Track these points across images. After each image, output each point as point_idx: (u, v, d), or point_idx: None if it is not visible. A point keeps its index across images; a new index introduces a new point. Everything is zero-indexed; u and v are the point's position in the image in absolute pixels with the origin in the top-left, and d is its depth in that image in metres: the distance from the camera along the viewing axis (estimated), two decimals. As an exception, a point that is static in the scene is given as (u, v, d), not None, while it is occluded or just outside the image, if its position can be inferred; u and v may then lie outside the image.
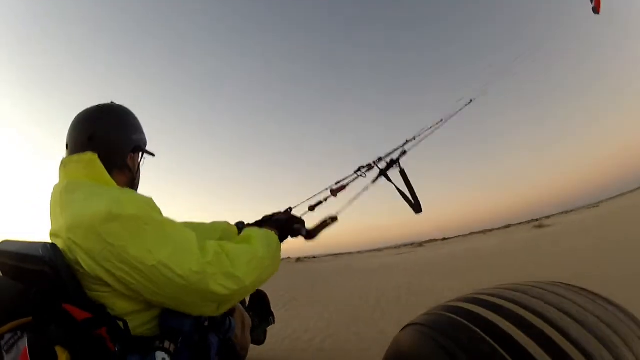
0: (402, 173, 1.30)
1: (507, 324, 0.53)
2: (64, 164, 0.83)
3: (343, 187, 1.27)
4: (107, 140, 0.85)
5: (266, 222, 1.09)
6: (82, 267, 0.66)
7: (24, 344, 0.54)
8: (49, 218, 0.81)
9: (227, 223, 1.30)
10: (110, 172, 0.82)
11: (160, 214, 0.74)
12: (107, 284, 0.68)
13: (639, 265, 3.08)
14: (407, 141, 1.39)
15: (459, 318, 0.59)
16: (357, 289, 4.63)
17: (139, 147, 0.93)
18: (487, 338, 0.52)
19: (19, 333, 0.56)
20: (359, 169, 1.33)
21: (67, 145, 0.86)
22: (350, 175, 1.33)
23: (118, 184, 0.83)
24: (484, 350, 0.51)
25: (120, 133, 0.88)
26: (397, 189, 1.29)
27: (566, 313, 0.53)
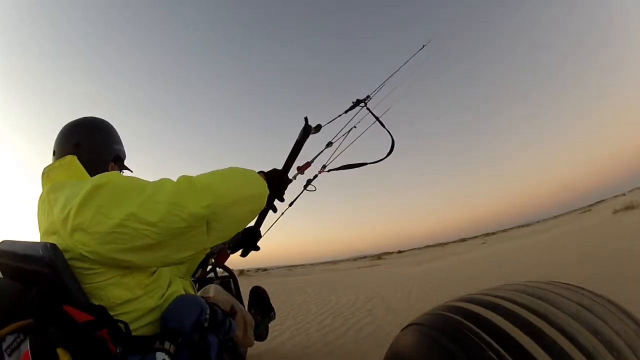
0: (371, 112, 1.38)
1: (507, 323, 0.53)
2: (45, 173, 0.88)
3: (308, 164, 1.30)
4: (92, 147, 0.94)
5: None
6: (79, 253, 0.68)
7: (26, 346, 0.54)
8: (38, 227, 0.83)
9: None
10: None
11: None
12: (103, 263, 0.70)
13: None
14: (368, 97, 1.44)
15: (459, 318, 0.59)
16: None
17: (119, 157, 1.02)
18: (488, 338, 0.52)
19: (21, 335, 0.56)
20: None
21: (54, 152, 0.94)
22: (313, 159, 1.37)
23: None
24: (484, 350, 0.51)
25: (104, 142, 0.98)
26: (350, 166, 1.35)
27: (566, 312, 0.54)
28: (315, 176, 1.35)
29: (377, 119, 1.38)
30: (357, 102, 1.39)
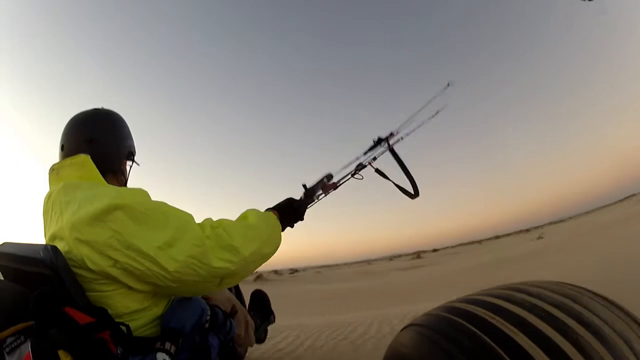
0: (392, 151, 1.29)
1: (506, 324, 0.53)
2: (55, 170, 0.82)
3: (335, 185, 1.25)
4: (106, 144, 0.88)
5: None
6: (86, 265, 0.67)
7: (27, 348, 0.55)
8: (43, 226, 0.82)
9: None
10: (104, 175, 0.82)
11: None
12: (112, 280, 0.69)
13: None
14: (391, 134, 1.39)
15: (458, 318, 0.59)
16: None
17: (131, 153, 0.96)
18: (486, 338, 0.52)
19: (21, 337, 0.56)
20: (355, 171, 1.31)
21: (62, 147, 0.86)
22: (341, 173, 1.31)
23: None
24: (483, 350, 0.51)
25: (117, 138, 0.91)
26: (389, 178, 1.29)
27: (566, 312, 0.53)
28: (364, 166, 1.27)
29: (398, 160, 1.30)
30: (379, 141, 1.31)
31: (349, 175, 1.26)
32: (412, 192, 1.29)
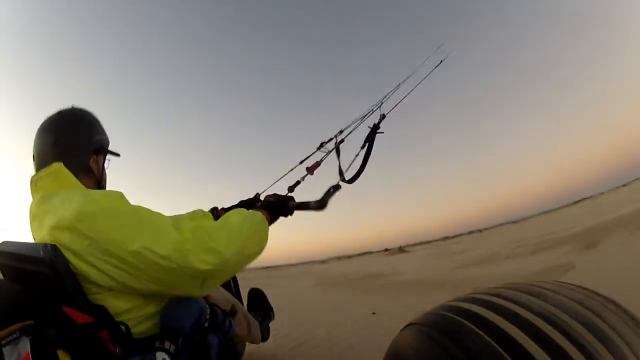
0: (371, 136, 1.31)
1: (507, 323, 0.53)
2: (34, 182, 0.83)
3: (318, 164, 1.26)
4: (69, 144, 0.86)
5: (252, 205, 1.04)
6: (74, 267, 0.67)
7: (25, 347, 0.55)
8: (31, 236, 0.82)
9: (201, 210, 1.32)
10: (76, 176, 0.83)
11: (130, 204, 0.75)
12: (96, 284, 0.69)
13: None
14: (382, 102, 1.42)
15: (458, 317, 0.59)
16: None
17: (102, 147, 0.94)
18: (487, 337, 0.52)
19: (20, 336, 0.56)
20: (321, 145, 1.34)
21: (33, 157, 0.87)
22: (314, 152, 1.33)
23: (86, 187, 0.84)
24: (484, 349, 0.51)
25: (81, 136, 0.89)
26: (339, 165, 1.28)
27: (566, 311, 0.54)
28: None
29: (370, 145, 1.30)
30: (374, 128, 1.31)
31: (317, 151, 1.28)
32: (347, 178, 1.25)
